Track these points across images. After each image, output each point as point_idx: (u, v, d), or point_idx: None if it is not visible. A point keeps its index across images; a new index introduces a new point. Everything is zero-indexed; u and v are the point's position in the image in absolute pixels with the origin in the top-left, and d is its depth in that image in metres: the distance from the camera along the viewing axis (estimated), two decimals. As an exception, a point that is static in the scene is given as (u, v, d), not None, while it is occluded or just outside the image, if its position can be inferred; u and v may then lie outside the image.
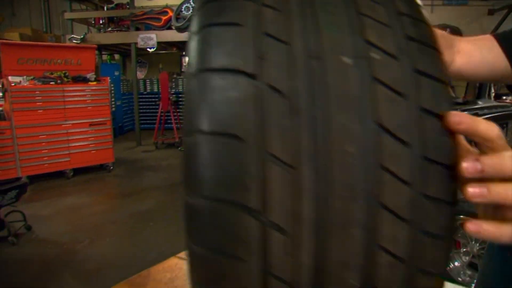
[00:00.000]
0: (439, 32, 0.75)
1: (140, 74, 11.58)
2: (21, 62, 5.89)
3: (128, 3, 9.44)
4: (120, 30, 8.96)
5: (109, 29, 9.08)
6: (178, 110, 8.96)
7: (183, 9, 6.24)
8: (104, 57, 11.30)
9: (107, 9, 9.90)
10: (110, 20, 9.25)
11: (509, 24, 7.72)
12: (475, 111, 2.97)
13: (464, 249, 2.96)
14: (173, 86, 10.72)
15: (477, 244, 2.85)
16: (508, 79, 0.85)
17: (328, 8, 0.36)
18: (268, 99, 0.31)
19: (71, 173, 6.34)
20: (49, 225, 4.33)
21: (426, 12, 0.41)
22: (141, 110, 9.66)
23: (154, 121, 8.85)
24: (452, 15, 9.56)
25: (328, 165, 0.32)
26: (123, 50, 10.62)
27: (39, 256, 3.59)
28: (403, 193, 0.35)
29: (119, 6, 9.79)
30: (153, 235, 4.07)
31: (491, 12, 9.64)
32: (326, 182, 0.31)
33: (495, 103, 3.99)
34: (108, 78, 6.79)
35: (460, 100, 5.01)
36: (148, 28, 8.63)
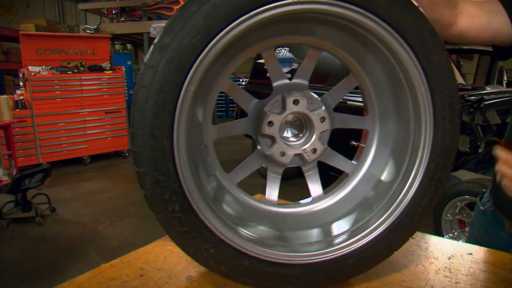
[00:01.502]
0: None
1: (152, 64, 11.72)
2: (39, 53, 6.09)
3: (139, -7, 9.52)
4: (133, 20, 9.09)
5: (122, 19, 9.22)
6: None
7: None
8: (117, 46, 11.46)
9: (119, -1, 10.01)
10: (122, 10, 9.37)
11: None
12: (481, 96, 3.03)
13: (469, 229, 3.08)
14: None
15: (481, 223, 2.96)
16: (509, 44, 0.83)
17: None
18: None
19: (89, 160, 6.57)
20: (71, 207, 4.56)
21: None
22: (154, 99, 9.77)
23: (167, 110, 8.99)
24: None
25: None
26: (135, 40, 10.75)
27: (64, 235, 3.82)
28: None
29: (131, -4, 9.87)
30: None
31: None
32: None
33: (502, 89, 4.04)
34: (123, 67, 6.96)
35: (469, 87, 5.06)
36: (160, 18, 8.73)
